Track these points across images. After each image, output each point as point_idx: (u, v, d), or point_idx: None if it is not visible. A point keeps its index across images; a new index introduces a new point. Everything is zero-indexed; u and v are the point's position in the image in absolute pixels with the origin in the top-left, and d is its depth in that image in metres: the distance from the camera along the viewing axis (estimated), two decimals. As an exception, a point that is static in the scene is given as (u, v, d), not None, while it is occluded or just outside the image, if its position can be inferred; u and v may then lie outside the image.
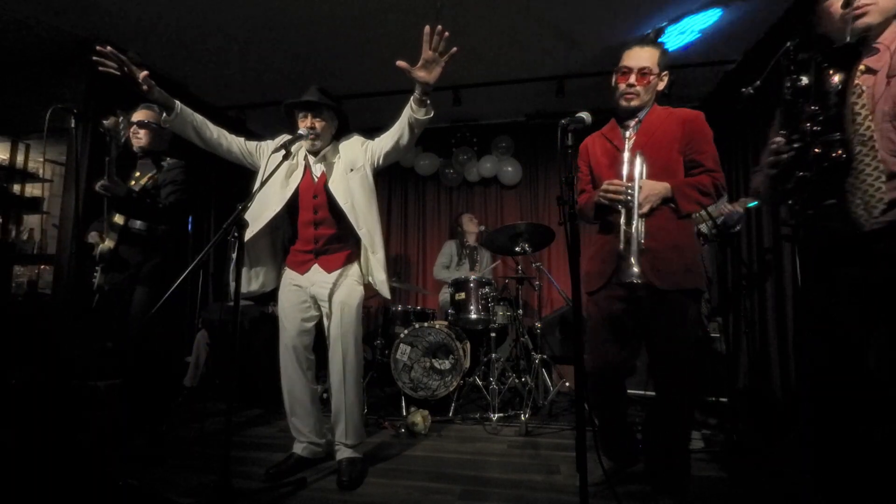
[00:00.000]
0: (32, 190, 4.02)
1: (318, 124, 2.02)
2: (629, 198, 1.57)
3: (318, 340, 2.17)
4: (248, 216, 2.00)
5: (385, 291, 2.10)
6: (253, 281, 2.12)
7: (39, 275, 3.87)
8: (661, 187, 1.62)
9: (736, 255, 3.45)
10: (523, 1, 2.96)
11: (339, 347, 2.01)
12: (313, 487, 1.89)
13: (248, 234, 1.97)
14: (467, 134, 4.96)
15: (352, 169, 2.05)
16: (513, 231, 2.99)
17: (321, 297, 2.06)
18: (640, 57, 1.66)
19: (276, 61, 3.67)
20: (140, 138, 2.41)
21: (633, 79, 1.66)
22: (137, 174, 2.44)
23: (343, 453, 2.01)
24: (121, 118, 2.31)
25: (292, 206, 2.08)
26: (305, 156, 2.11)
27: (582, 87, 3.90)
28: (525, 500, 1.78)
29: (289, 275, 2.12)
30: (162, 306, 1.51)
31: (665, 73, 1.70)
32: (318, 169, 2.09)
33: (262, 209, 2.03)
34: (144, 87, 1.74)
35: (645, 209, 1.58)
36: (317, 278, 2.06)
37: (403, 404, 2.98)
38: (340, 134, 2.19)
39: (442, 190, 5.20)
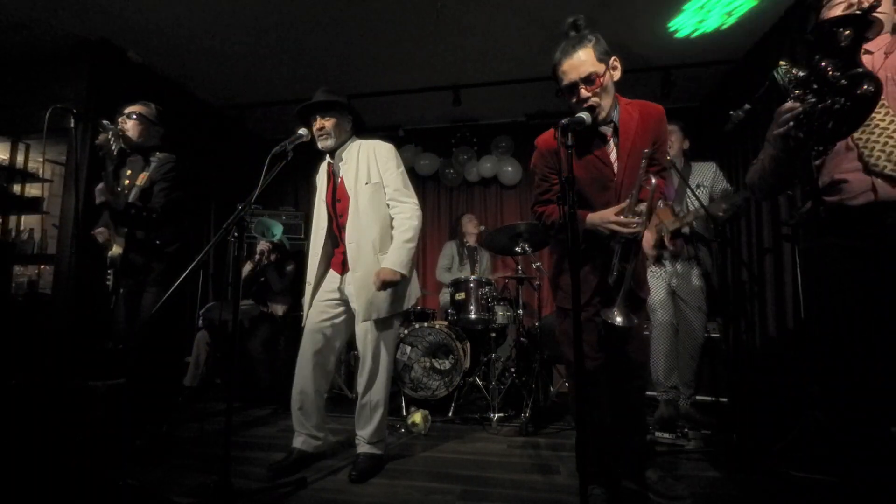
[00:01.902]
0: (32, 190, 4.01)
1: (328, 123, 2.05)
2: (636, 234, 1.52)
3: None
4: (312, 242, 2.17)
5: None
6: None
7: (39, 275, 3.86)
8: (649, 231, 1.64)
9: (736, 255, 3.45)
10: (523, 1, 2.97)
11: (369, 348, 2.05)
12: (313, 487, 1.89)
13: (315, 260, 2.14)
14: (467, 134, 4.96)
15: (367, 181, 2.07)
16: (513, 231, 2.99)
17: (353, 295, 2.08)
18: (575, 66, 1.49)
19: (276, 61, 3.67)
20: (127, 129, 2.38)
21: (583, 92, 1.50)
22: (129, 172, 2.43)
23: (361, 448, 2.07)
24: (110, 132, 2.32)
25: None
26: (329, 161, 2.16)
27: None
28: (525, 500, 1.78)
29: (330, 273, 2.17)
30: (169, 307, 1.52)
31: (612, 59, 1.53)
32: (339, 170, 2.12)
33: (317, 229, 2.16)
34: None
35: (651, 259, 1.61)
36: (351, 278, 2.10)
37: (403, 404, 2.98)
38: (358, 130, 2.20)
39: (442, 190, 5.20)
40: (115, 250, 2.33)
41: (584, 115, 1.46)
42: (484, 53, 3.57)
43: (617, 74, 1.57)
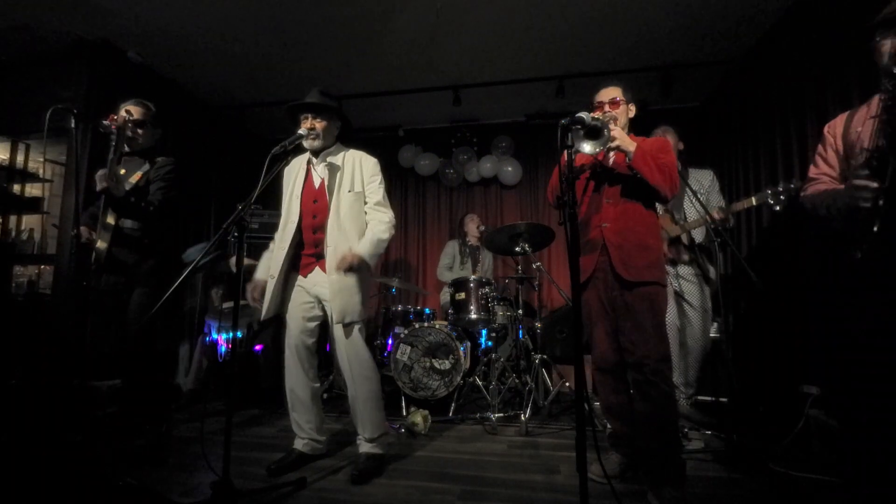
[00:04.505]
0: (32, 190, 4.01)
1: (319, 125, 2.07)
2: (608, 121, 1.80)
3: (323, 340, 2.20)
4: (277, 236, 2.12)
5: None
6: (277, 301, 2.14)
7: (39, 275, 3.86)
8: (629, 141, 1.83)
9: (736, 255, 3.45)
10: (523, 1, 2.97)
11: (344, 346, 2.04)
12: (313, 487, 1.89)
13: (281, 253, 2.07)
14: (467, 134, 4.96)
15: (350, 189, 2.10)
16: (513, 231, 2.99)
17: (324, 296, 2.08)
18: (608, 93, 2.02)
19: (276, 61, 3.67)
20: (140, 134, 2.40)
21: (607, 108, 2.00)
22: (124, 171, 2.42)
23: (363, 447, 2.07)
24: (128, 116, 2.31)
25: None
26: (309, 159, 2.15)
27: (582, 87, 3.89)
28: (525, 500, 1.78)
29: (296, 276, 2.14)
30: (161, 307, 1.51)
31: (631, 104, 2.04)
32: (320, 171, 2.12)
33: (287, 223, 2.11)
34: None
35: (613, 133, 1.76)
36: (319, 279, 2.08)
37: (403, 404, 2.98)
38: (344, 136, 2.22)
39: (442, 190, 5.20)
40: (101, 245, 2.30)
41: (584, 114, 1.56)
42: (484, 53, 3.57)
43: (632, 112, 2.04)
